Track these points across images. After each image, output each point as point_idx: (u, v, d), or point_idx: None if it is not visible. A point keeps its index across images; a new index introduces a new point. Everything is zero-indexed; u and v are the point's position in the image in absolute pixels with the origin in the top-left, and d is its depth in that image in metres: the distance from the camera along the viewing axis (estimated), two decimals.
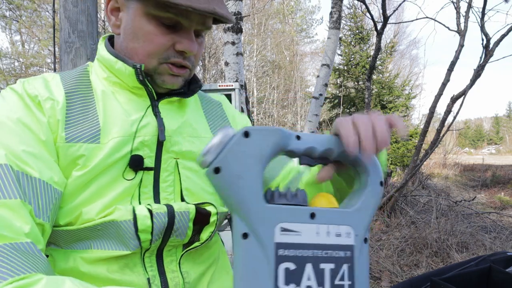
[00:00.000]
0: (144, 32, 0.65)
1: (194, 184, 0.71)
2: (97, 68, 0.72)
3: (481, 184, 8.49)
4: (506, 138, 45.77)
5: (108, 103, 0.68)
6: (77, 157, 0.62)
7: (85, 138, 0.63)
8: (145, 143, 0.67)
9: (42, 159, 0.59)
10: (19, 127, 0.60)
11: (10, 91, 0.65)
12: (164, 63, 0.67)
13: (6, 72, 12.67)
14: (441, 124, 4.24)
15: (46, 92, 0.65)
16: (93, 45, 2.07)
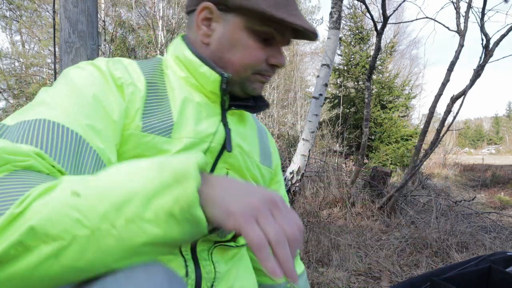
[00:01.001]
0: (243, 45, 0.69)
1: None
2: (174, 65, 0.73)
3: (481, 184, 8.49)
4: (506, 138, 45.78)
5: (184, 101, 0.69)
6: (150, 146, 0.63)
7: (159, 130, 0.64)
8: (211, 149, 0.69)
9: (105, 138, 0.58)
10: (92, 101, 0.59)
11: (91, 65, 0.64)
12: (257, 74, 0.71)
13: (6, 72, 12.66)
14: (441, 124, 4.24)
15: (129, 76, 0.65)
16: (93, 45, 2.07)
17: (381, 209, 4.35)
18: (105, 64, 0.64)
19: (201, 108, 0.70)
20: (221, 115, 0.73)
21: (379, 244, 3.40)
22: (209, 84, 0.70)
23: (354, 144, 9.18)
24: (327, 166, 5.59)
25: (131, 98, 0.63)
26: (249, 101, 0.77)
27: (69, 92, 0.58)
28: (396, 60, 19.32)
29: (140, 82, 0.66)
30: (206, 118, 0.70)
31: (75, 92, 0.59)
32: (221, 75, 0.69)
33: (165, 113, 0.66)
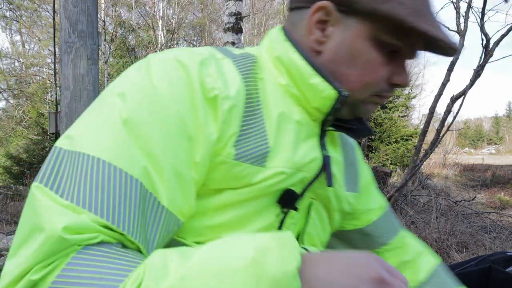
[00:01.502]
0: (366, 59, 0.54)
1: (315, 229, 0.64)
2: (272, 68, 0.58)
3: (481, 184, 8.49)
4: (506, 138, 45.79)
5: (280, 118, 0.54)
6: (241, 176, 0.51)
7: (253, 158, 0.51)
8: (304, 179, 0.56)
9: (183, 181, 0.46)
10: (179, 129, 0.46)
11: (179, 66, 0.48)
12: (374, 95, 0.58)
13: (6, 72, 12.67)
14: (441, 124, 4.24)
15: (224, 85, 0.49)
16: (93, 45, 2.08)
17: None
18: (196, 66, 0.48)
19: (300, 128, 0.56)
20: (319, 136, 0.59)
21: None
22: (318, 99, 0.55)
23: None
24: None
25: (226, 118, 0.48)
26: (353, 123, 0.63)
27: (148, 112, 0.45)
28: None
29: (239, 94, 0.50)
30: (304, 141, 0.57)
31: (156, 112, 0.45)
32: (339, 92, 0.54)
33: (260, 135, 0.52)
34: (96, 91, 2.09)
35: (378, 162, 8.74)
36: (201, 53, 0.51)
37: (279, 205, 0.56)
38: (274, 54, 0.57)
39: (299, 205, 0.59)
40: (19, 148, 8.04)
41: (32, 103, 10.45)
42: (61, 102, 2.08)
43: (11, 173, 7.08)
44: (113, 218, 0.40)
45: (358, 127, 0.63)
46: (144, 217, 0.43)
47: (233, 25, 3.71)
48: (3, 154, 7.53)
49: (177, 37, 13.56)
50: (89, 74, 2.06)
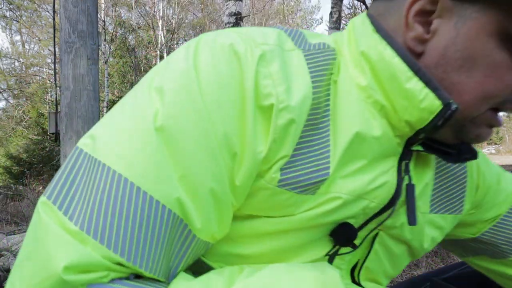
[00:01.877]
0: (489, 62, 0.39)
1: (379, 264, 0.51)
2: (352, 68, 0.43)
3: None
4: (506, 138, 45.79)
5: (354, 140, 0.42)
6: (284, 206, 0.41)
7: (302, 187, 0.40)
8: (367, 209, 0.44)
9: (221, 206, 0.38)
10: (223, 145, 0.36)
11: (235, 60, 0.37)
12: (491, 110, 0.42)
13: (6, 72, 12.68)
14: None
15: (287, 92, 0.38)
16: (93, 45, 2.08)
17: None
18: (254, 61, 0.37)
19: (378, 147, 0.43)
20: (399, 157, 0.45)
21: None
22: (413, 111, 0.41)
23: None
24: None
25: (279, 137, 0.38)
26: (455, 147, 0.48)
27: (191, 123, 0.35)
28: None
29: (303, 105, 0.39)
30: (378, 161, 0.44)
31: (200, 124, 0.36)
32: (446, 104, 0.39)
33: (320, 157, 0.41)
34: (96, 91, 2.09)
35: None
36: (266, 42, 0.39)
37: (331, 239, 0.45)
38: (359, 49, 0.43)
39: (360, 236, 0.47)
40: (19, 148, 8.05)
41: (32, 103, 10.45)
42: (61, 102, 2.08)
43: (11, 173, 7.08)
44: (129, 254, 0.33)
45: (459, 153, 0.48)
46: (170, 248, 0.36)
47: (233, 25, 3.71)
48: (3, 154, 7.53)
49: (177, 37, 13.57)
50: (89, 74, 2.06)
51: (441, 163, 0.54)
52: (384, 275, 0.53)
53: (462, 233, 0.63)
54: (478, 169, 0.58)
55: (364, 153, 0.42)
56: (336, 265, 0.48)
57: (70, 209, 0.33)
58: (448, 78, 0.40)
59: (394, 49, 0.41)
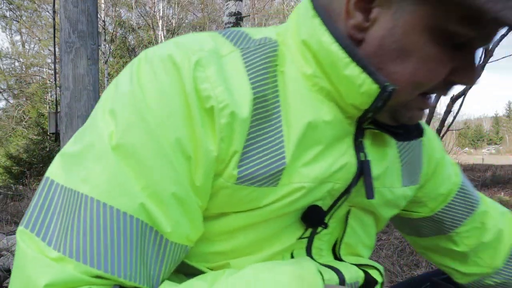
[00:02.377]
0: (423, 54, 0.40)
1: (356, 237, 0.55)
2: (297, 56, 0.45)
3: (481, 184, 8.49)
4: (506, 138, 45.80)
5: (307, 130, 0.43)
6: (247, 201, 0.43)
7: (262, 180, 0.42)
8: (333, 191, 0.46)
9: (188, 207, 0.40)
10: (176, 150, 0.38)
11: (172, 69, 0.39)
12: (422, 95, 0.45)
13: (6, 72, 12.68)
14: (441, 124, 4.24)
15: (225, 92, 0.39)
16: (93, 45, 2.08)
17: None
18: (190, 66, 0.39)
19: (330, 131, 0.45)
20: (354, 136, 0.47)
21: (379, 244, 3.40)
22: (355, 95, 0.43)
23: None
24: None
25: (226, 135, 0.39)
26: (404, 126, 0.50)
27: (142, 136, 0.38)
28: None
29: (244, 101, 0.40)
30: (333, 145, 0.45)
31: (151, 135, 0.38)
32: (382, 87, 0.41)
33: (274, 148, 0.42)
34: (96, 91, 2.09)
35: None
36: (201, 48, 0.41)
37: (303, 223, 0.47)
38: (301, 38, 0.44)
39: (334, 216, 0.50)
40: (19, 148, 8.05)
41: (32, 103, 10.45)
42: (61, 102, 2.08)
43: (11, 173, 7.08)
44: (105, 266, 0.35)
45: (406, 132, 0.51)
46: (144, 254, 0.38)
47: (233, 25, 3.71)
48: (3, 154, 7.53)
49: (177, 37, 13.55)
50: (89, 74, 2.06)
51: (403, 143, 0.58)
52: (362, 245, 0.56)
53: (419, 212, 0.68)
54: (429, 143, 0.63)
55: (319, 139, 0.44)
56: (316, 246, 0.51)
57: (48, 235, 0.36)
58: (385, 67, 0.42)
59: (333, 35, 0.42)
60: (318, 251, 0.51)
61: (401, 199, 0.58)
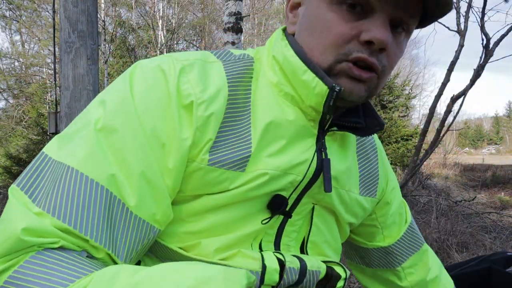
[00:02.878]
0: (322, 20, 0.50)
1: (321, 236, 0.61)
2: (268, 69, 0.56)
3: (481, 184, 8.49)
4: (506, 138, 45.79)
5: (269, 124, 0.52)
6: (217, 182, 0.50)
7: (231, 164, 0.50)
8: (295, 183, 0.53)
9: (155, 188, 0.47)
10: (151, 137, 0.47)
11: (160, 73, 0.49)
12: (343, 61, 0.50)
13: (6, 72, 12.67)
14: (441, 124, 4.24)
15: (203, 91, 0.49)
16: (93, 45, 2.08)
17: None
18: (175, 73, 0.49)
19: (292, 129, 0.53)
20: (316, 137, 0.55)
21: None
22: (312, 97, 0.51)
23: None
24: None
25: (202, 124, 0.48)
26: (358, 121, 0.58)
27: (124, 121, 0.46)
28: None
29: (219, 99, 0.50)
30: (296, 142, 0.53)
31: (131, 121, 0.46)
32: (331, 88, 0.50)
33: (243, 140, 0.51)
34: (96, 91, 2.09)
35: None
36: (187, 59, 0.51)
37: (268, 210, 0.54)
38: (272, 53, 0.56)
39: (299, 212, 0.57)
40: (19, 148, 8.04)
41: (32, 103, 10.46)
42: (61, 102, 2.08)
43: (11, 173, 7.08)
44: (75, 222, 0.42)
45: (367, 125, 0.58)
46: (111, 222, 0.44)
47: (233, 25, 3.71)
48: (3, 154, 7.53)
49: (177, 37, 13.56)
50: (89, 74, 2.06)
51: (361, 151, 0.66)
52: (328, 246, 0.62)
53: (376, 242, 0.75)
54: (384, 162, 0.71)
55: (282, 135, 0.53)
56: (284, 243, 0.57)
57: (34, 194, 0.43)
58: (303, 42, 0.53)
59: (294, 51, 0.53)
60: (286, 247, 0.57)
61: (358, 207, 0.64)
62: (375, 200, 0.69)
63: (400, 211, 0.75)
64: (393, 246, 0.75)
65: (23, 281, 0.39)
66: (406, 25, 0.51)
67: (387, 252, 0.75)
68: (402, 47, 0.53)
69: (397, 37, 0.51)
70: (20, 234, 0.40)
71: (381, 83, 0.53)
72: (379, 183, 0.69)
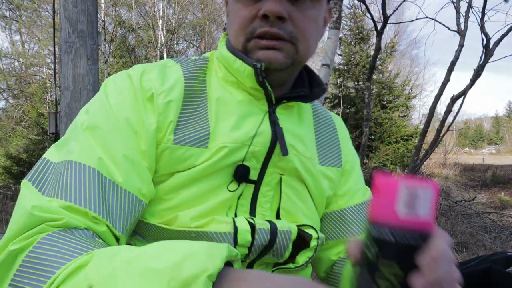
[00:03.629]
0: (233, 11, 0.62)
1: (293, 204, 0.65)
2: (216, 67, 0.67)
3: (481, 184, 8.48)
4: (506, 138, 45.77)
5: (222, 105, 0.62)
6: (184, 159, 0.58)
7: (194, 141, 0.59)
8: (255, 153, 0.61)
9: (137, 167, 0.56)
10: (126, 127, 0.57)
11: (126, 78, 0.61)
12: (251, 39, 0.59)
13: (6, 72, 12.67)
14: (441, 124, 4.24)
15: (162, 85, 0.60)
16: (93, 45, 2.08)
17: None
18: (138, 77, 0.61)
19: (243, 107, 0.63)
20: (268, 112, 0.63)
21: None
22: (246, 79, 0.61)
23: (354, 144, 9.16)
24: None
25: (163, 110, 0.58)
26: (303, 90, 0.66)
27: (105, 118, 0.57)
28: (396, 60, 19.33)
29: (176, 89, 0.61)
30: (249, 117, 0.62)
31: (110, 116, 0.58)
32: (253, 66, 0.59)
33: (202, 121, 0.61)
34: (96, 91, 2.09)
35: (378, 162, 8.74)
36: (149, 65, 0.64)
37: (235, 179, 0.60)
38: (217, 55, 0.68)
39: (268, 182, 0.63)
40: (19, 148, 8.04)
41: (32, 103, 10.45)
42: (61, 102, 2.08)
43: (11, 173, 7.07)
44: (74, 199, 0.50)
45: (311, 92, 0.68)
46: (105, 197, 0.52)
47: None
48: (3, 154, 7.52)
49: (177, 37, 13.56)
50: (89, 74, 2.05)
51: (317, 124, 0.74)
52: (303, 214, 0.66)
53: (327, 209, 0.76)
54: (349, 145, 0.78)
55: (233, 111, 0.62)
56: (259, 212, 0.63)
57: (43, 188, 0.52)
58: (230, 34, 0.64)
59: (227, 46, 0.65)
60: (261, 216, 0.62)
61: (321, 176, 0.69)
62: (341, 170, 0.74)
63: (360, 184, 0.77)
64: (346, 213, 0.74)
65: (37, 259, 0.45)
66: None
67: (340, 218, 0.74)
68: (310, 13, 0.60)
69: (299, 5, 0.59)
70: (31, 210, 0.48)
71: (301, 48, 0.61)
72: (343, 153, 0.76)
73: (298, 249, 0.64)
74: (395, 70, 15.46)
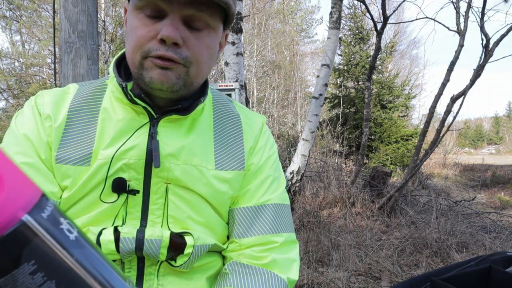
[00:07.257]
0: (131, 28, 0.62)
1: (181, 212, 0.68)
2: (111, 88, 0.70)
3: (481, 184, 8.48)
4: (506, 138, 45.76)
5: (106, 122, 0.67)
6: (67, 176, 0.65)
7: (75, 160, 0.65)
8: (131, 166, 0.65)
9: (41, 171, 0.64)
10: (24, 141, 0.66)
11: (28, 102, 0.71)
12: (147, 57, 0.61)
13: (6, 72, 12.66)
14: (441, 124, 4.24)
15: (50, 109, 0.68)
16: (93, 45, 2.08)
17: (381, 209, 4.35)
18: (35, 99, 0.70)
19: (122, 124, 0.67)
20: (149, 126, 0.67)
21: (379, 244, 3.40)
22: (123, 95, 0.67)
23: (354, 144, 9.18)
24: (327, 166, 5.59)
25: (49, 132, 0.67)
26: (179, 103, 0.68)
27: (8, 136, 0.68)
28: (396, 60, 19.33)
29: (61, 113, 0.68)
30: (126, 134, 0.66)
31: (12, 134, 0.68)
32: (120, 85, 0.66)
33: (88, 140, 0.67)
34: None
35: (378, 162, 8.73)
36: (47, 90, 0.72)
37: (114, 192, 0.65)
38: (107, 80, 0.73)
39: (156, 191, 0.67)
40: None
41: None
42: None
43: None
44: None
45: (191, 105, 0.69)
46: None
47: (233, 25, 3.71)
48: None
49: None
50: (89, 74, 2.05)
51: (218, 131, 0.74)
52: (192, 221, 0.69)
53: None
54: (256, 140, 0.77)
55: (113, 129, 0.66)
56: (151, 219, 0.67)
57: None
58: (126, 49, 0.65)
59: (116, 60, 0.71)
60: (152, 223, 0.66)
61: (217, 180, 0.70)
62: (242, 172, 0.74)
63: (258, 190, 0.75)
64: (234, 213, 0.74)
65: None
66: (204, 22, 0.62)
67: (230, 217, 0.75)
68: (206, 41, 0.63)
69: (196, 33, 0.62)
70: None
71: (193, 71, 0.64)
72: (246, 156, 0.75)
73: (178, 253, 0.67)
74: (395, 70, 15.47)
